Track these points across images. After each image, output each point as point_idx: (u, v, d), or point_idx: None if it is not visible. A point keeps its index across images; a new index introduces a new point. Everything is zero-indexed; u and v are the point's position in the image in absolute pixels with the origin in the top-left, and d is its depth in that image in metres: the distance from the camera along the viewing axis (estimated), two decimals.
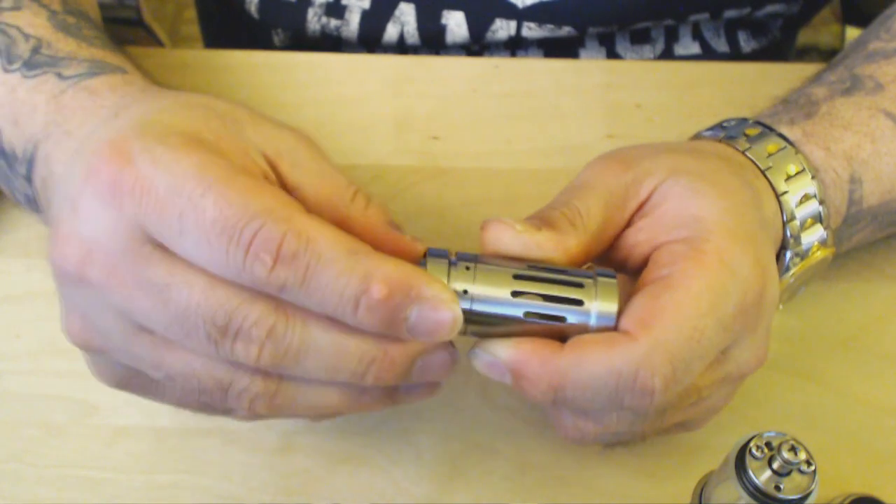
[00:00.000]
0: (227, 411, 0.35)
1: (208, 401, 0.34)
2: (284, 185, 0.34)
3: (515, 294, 0.34)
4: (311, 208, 0.34)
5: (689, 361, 0.34)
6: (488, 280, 0.34)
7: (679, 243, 0.36)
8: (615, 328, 0.34)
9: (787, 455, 0.33)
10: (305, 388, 0.34)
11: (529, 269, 0.34)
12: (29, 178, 0.41)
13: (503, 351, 0.34)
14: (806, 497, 0.33)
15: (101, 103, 0.40)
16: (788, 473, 0.33)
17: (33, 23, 0.44)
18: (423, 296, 0.32)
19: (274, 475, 0.42)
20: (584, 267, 0.37)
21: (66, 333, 0.35)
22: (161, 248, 0.31)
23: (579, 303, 0.34)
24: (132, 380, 0.36)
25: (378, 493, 0.42)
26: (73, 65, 0.42)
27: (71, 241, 0.32)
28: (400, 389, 0.36)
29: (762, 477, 0.33)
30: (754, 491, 0.33)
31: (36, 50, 0.42)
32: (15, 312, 0.47)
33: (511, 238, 0.35)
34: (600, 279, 0.35)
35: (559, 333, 0.35)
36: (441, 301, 0.32)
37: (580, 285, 0.34)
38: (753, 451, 0.33)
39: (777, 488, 0.33)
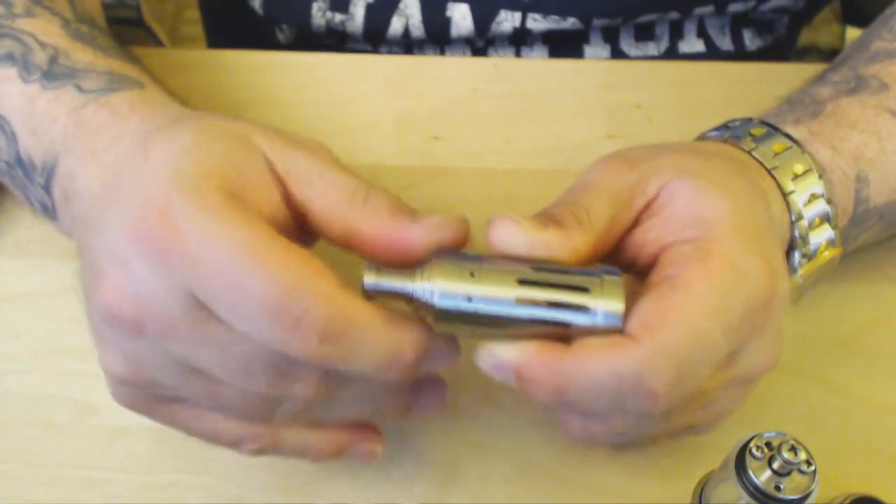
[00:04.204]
0: (235, 444, 0.38)
1: (253, 417, 0.37)
2: (293, 202, 0.36)
3: (519, 300, 0.34)
4: (318, 221, 0.36)
5: (693, 365, 0.33)
6: (492, 285, 0.34)
7: (686, 244, 0.35)
8: (622, 328, 0.34)
9: (787, 455, 0.33)
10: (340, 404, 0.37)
11: (535, 273, 0.34)
12: (47, 188, 0.41)
13: (508, 353, 0.34)
14: (806, 497, 0.33)
15: (124, 126, 0.40)
16: (788, 473, 0.33)
17: (48, 31, 0.44)
18: (435, 353, 0.35)
19: (274, 475, 0.42)
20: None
21: (106, 368, 0.35)
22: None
23: (584, 308, 0.34)
24: (160, 409, 0.37)
25: (378, 493, 0.42)
26: (92, 77, 0.42)
27: (123, 295, 0.33)
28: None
29: (762, 477, 0.33)
30: (754, 491, 0.33)
31: (53, 60, 0.42)
32: (15, 312, 0.47)
33: (518, 236, 0.35)
34: (606, 278, 0.34)
35: (564, 334, 0.34)
36: (447, 352, 0.36)
37: (585, 289, 0.34)
38: (753, 451, 0.33)
39: (777, 488, 0.33)
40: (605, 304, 0.34)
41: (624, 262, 0.38)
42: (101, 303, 0.33)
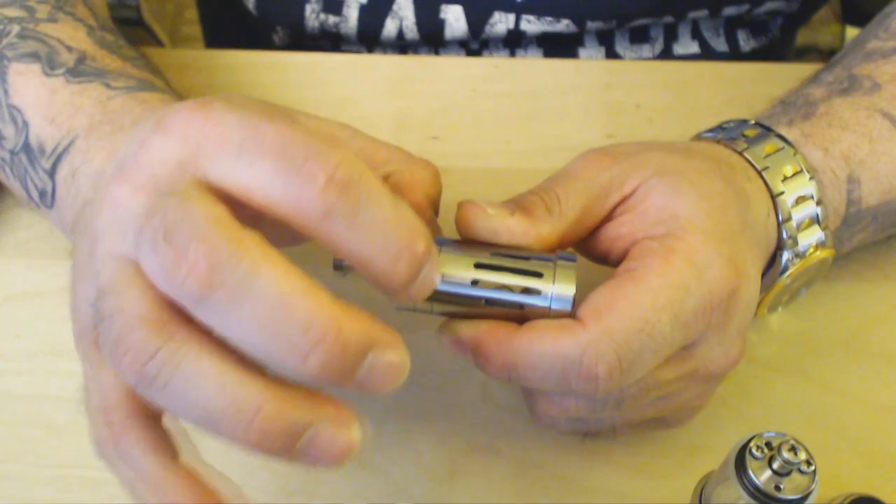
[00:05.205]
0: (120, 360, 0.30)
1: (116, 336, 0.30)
2: None
3: (475, 282, 0.35)
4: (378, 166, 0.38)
5: (638, 353, 0.35)
6: (449, 267, 0.35)
7: (654, 240, 0.36)
8: (572, 312, 0.35)
9: (787, 455, 0.33)
10: (213, 356, 0.29)
11: (492, 258, 0.36)
12: (52, 171, 0.41)
13: (464, 330, 0.36)
14: (806, 497, 0.33)
15: (155, 108, 0.40)
16: (788, 473, 0.33)
17: (74, 37, 0.44)
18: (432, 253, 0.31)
19: (274, 475, 0.42)
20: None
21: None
22: (197, 185, 0.30)
23: (536, 291, 0.35)
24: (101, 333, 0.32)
25: (378, 493, 0.42)
26: (122, 79, 0.42)
27: (129, 168, 0.31)
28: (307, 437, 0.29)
29: (762, 477, 0.33)
30: (754, 491, 0.33)
31: (80, 61, 0.42)
32: (15, 312, 0.47)
33: (482, 222, 0.36)
34: (560, 263, 0.36)
35: (520, 316, 0.36)
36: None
37: (539, 274, 0.36)
38: (753, 451, 0.33)
39: (777, 488, 0.33)
40: (556, 289, 0.36)
41: (598, 253, 0.39)
42: (110, 193, 0.31)
